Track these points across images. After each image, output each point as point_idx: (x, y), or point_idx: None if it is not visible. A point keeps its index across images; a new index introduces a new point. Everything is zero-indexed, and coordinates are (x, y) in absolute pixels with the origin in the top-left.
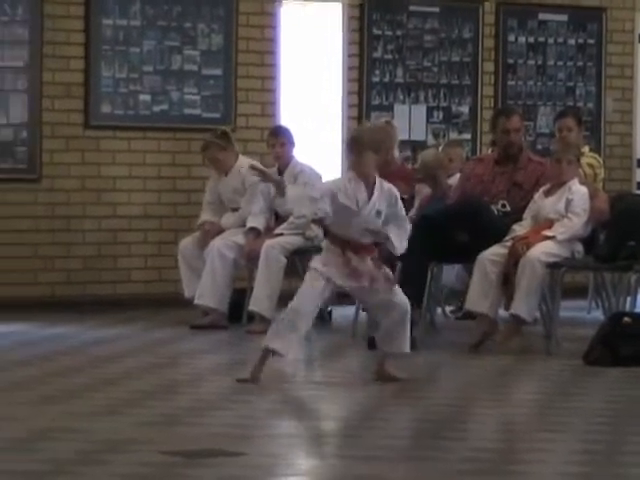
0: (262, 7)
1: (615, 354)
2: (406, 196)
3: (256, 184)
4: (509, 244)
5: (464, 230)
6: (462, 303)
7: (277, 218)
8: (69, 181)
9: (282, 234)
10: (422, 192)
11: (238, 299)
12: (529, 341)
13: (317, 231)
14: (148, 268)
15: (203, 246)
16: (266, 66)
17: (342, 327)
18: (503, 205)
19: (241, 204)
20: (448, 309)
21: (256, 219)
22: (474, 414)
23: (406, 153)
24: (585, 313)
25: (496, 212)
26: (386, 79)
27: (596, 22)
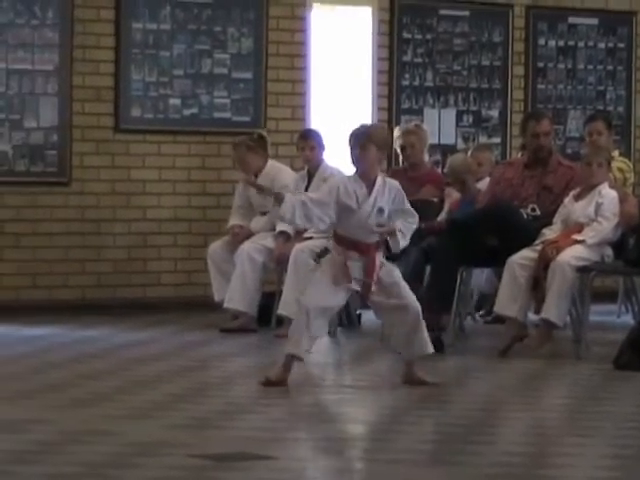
0: (292, 11)
1: None
2: (436, 199)
3: (286, 188)
4: (539, 248)
5: (494, 234)
6: (491, 307)
7: None
8: (99, 184)
9: (311, 237)
10: (452, 196)
11: (267, 302)
12: (559, 345)
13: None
14: (178, 271)
15: (233, 250)
16: (296, 69)
17: (371, 331)
18: (533, 209)
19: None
20: (477, 313)
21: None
22: (503, 418)
23: (436, 157)
24: (615, 317)
25: (526, 216)
26: (416, 83)
27: (626, 26)
